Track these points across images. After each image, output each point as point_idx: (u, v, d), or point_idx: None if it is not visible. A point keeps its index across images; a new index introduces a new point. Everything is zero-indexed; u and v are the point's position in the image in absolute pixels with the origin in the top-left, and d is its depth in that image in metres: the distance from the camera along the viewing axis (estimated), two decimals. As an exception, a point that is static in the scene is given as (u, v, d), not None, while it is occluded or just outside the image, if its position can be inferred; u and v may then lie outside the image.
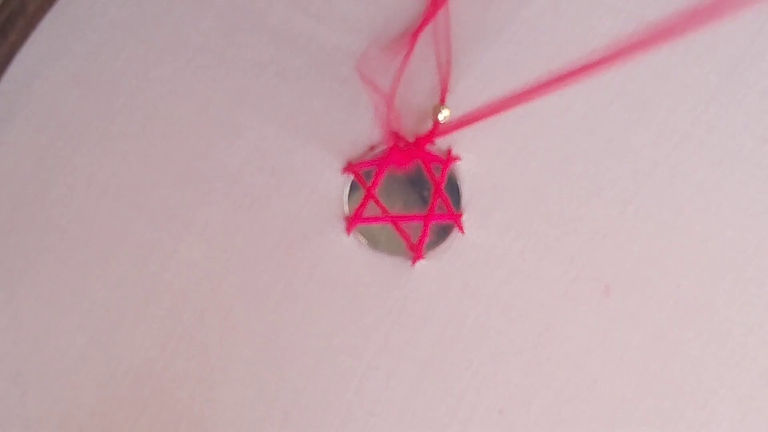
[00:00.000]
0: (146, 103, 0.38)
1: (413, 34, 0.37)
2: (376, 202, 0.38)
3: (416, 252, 0.38)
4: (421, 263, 0.38)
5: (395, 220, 0.38)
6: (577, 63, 0.37)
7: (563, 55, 0.38)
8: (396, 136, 0.38)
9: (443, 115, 0.38)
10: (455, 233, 0.38)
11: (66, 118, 0.38)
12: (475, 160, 0.38)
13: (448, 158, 0.38)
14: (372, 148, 0.38)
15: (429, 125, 0.38)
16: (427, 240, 0.38)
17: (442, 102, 0.38)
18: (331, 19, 0.38)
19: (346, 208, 0.38)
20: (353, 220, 0.38)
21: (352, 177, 0.38)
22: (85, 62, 0.38)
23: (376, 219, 0.38)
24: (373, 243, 0.38)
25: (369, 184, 0.38)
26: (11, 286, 0.37)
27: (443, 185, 0.38)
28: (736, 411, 0.36)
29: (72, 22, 0.38)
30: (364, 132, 0.38)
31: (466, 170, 0.38)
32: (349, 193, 0.38)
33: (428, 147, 0.38)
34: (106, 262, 0.37)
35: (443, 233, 0.38)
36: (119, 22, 0.38)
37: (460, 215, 0.38)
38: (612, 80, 0.38)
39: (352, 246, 0.38)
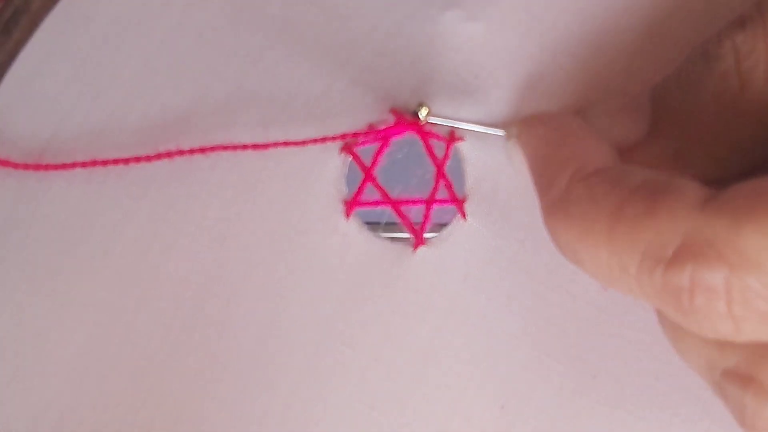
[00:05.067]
0: (146, 96, 0.36)
1: None
2: (375, 184, 0.37)
3: (417, 237, 0.37)
4: (422, 249, 0.37)
5: (395, 204, 0.37)
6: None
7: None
8: (397, 113, 0.36)
9: (423, 113, 0.35)
10: (458, 218, 0.37)
11: (67, 114, 0.36)
12: (478, 142, 0.36)
13: (451, 138, 0.36)
14: (371, 126, 0.37)
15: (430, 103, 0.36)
16: (428, 225, 0.37)
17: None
18: (329, 6, 0.36)
19: (345, 191, 0.37)
20: (352, 204, 0.37)
21: (350, 158, 0.37)
22: (87, 59, 0.37)
23: (375, 203, 0.37)
24: (373, 227, 0.37)
25: (368, 165, 0.37)
26: (10, 283, 0.36)
27: (446, 167, 0.37)
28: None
29: (75, 20, 0.37)
30: (363, 110, 0.36)
31: (470, 151, 0.37)
32: (348, 175, 0.37)
33: (430, 126, 0.36)
34: (104, 256, 0.36)
35: (446, 217, 0.37)
36: (121, 19, 0.37)
37: (464, 200, 0.36)
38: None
39: (351, 231, 0.37)
